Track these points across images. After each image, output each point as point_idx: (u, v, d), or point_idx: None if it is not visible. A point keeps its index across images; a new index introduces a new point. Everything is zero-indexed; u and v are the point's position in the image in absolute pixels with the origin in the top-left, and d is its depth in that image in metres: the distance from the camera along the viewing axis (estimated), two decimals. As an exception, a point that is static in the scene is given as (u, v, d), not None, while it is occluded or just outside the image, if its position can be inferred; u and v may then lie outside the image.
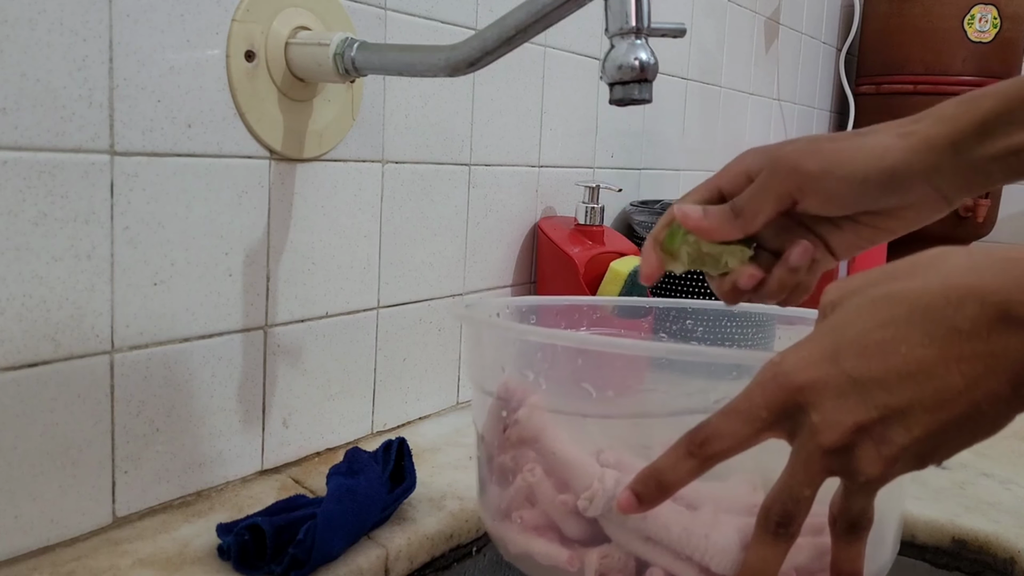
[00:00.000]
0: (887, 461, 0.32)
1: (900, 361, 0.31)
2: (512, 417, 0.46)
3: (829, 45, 1.73)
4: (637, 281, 0.85)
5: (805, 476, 0.34)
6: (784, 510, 0.34)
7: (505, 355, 0.49)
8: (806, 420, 0.33)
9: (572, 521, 0.44)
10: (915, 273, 0.33)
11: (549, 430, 0.45)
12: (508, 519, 0.47)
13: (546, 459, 0.45)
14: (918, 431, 0.31)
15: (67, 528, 0.52)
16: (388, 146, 0.71)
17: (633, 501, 0.37)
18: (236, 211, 0.59)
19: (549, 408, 0.45)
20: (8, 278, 0.47)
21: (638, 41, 0.47)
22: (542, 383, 0.46)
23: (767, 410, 0.34)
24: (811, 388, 0.33)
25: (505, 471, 0.47)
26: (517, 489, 0.46)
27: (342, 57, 0.58)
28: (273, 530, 0.50)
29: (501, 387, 0.47)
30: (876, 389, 0.32)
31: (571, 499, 0.43)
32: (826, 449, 0.33)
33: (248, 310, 0.61)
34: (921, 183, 0.42)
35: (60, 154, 0.49)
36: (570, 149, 0.94)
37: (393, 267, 0.73)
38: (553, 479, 0.45)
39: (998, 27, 1.53)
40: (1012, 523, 0.64)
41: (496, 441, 0.47)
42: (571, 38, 0.91)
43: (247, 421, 0.62)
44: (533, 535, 0.45)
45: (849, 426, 0.32)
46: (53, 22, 0.47)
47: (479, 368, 0.50)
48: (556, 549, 0.44)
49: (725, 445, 0.35)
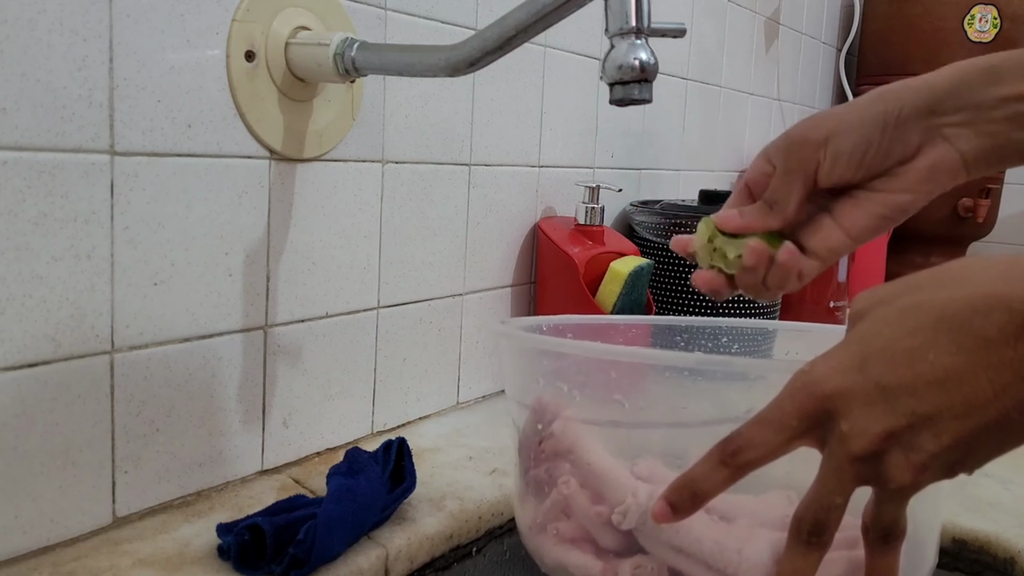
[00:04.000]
0: (917, 468, 0.32)
1: (928, 368, 0.31)
2: (547, 430, 0.46)
3: (829, 45, 1.73)
4: (637, 281, 0.85)
5: (836, 484, 0.34)
6: (816, 519, 0.34)
7: (540, 368, 0.49)
8: (836, 428, 0.33)
9: (607, 532, 0.44)
10: (943, 283, 0.33)
11: (583, 442, 0.46)
12: (544, 532, 0.47)
13: (580, 471, 0.46)
14: (947, 439, 0.31)
15: (67, 528, 0.52)
16: (388, 146, 0.71)
17: (667, 511, 0.37)
18: (236, 211, 0.59)
19: (583, 420, 0.46)
20: (8, 278, 0.47)
21: (638, 41, 0.47)
22: (576, 395, 0.46)
23: (797, 419, 0.34)
24: (840, 396, 0.33)
25: (540, 483, 0.48)
26: (553, 501, 0.47)
27: (342, 57, 0.58)
28: (273, 530, 0.50)
29: (536, 401, 0.48)
30: (904, 396, 0.32)
31: (605, 511, 0.44)
32: (856, 457, 0.33)
33: (248, 310, 0.61)
34: (922, 128, 0.42)
35: (60, 154, 0.49)
36: (570, 149, 0.94)
37: (393, 267, 0.73)
38: (588, 491, 0.45)
39: (998, 27, 1.53)
40: (1012, 523, 0.64)
41: (531, 454, 0.48)
42: (571, 38, 0.91)
43: (247, 421, 0.62)
44: (568, 547, 0.46)
45: (878, 433, 0.32)
46: (53, 22, 0.47)
47: (515, 383, 0.51)
48: (590, 560, 0.44)
49: (757, 454, 0.35)
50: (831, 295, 1.23)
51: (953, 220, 1.57)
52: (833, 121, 0.43)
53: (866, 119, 0.42)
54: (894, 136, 0.42)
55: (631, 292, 0.84)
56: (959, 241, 1.63)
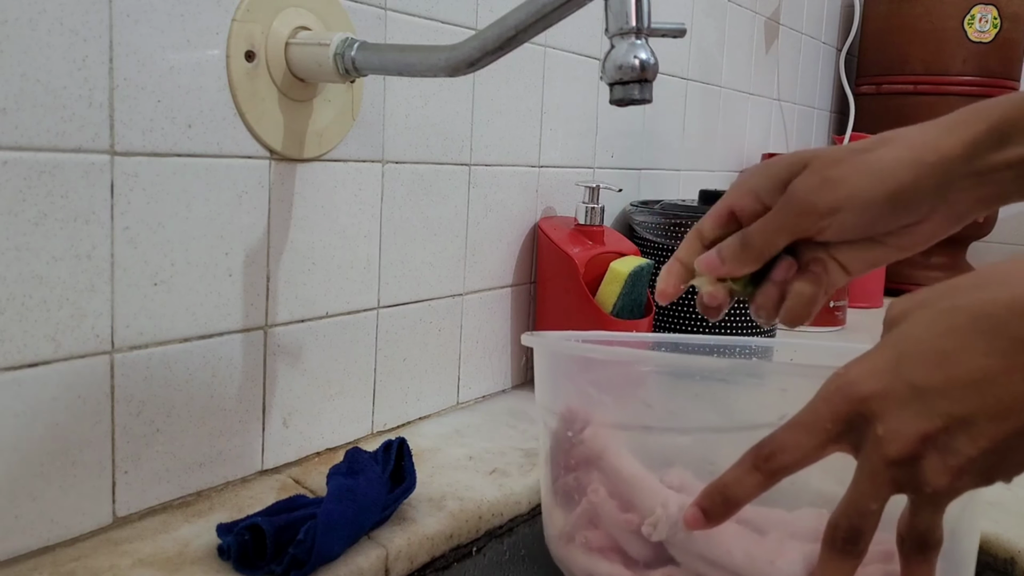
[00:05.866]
0: (953, 472, 0.31)
1: (962, 370, 0.31)
2: (577, 437, 0.46)
3: (829, 45, 1.73)
4: (637, 281, 0.85)
5: (871, 489, 0.33)
6: (851, 525, 0.34)
7: (571, 375, 0.49)
8: (871, 432, 0.33)
9: (636, 541, 0.44)
10: (981, 286, 0.33)
11: (613, 448, 0.45)
12: (572, 541, 0.47)
13: (610, 478, 0.45)
14: (983, 441, 0.31)
15: (67, 528, 0.52)
16: (388, 146, 0.71)
17: (700, 517, 0.37)
18: (236, 211, 0.59)
19: (614, 424, 0.46)
20: (8, 278, 0.47)
21: (638, 41, 0.47)
22: (607, 401, 0.46)
23: (832, 422, 0.34)
24: (875, 399, 0.33)
25: (569, 492, 0.48)
26: (582, 510, 0.46)
27: (342, 57, 0.58)
28: (273, 530, 0.50)
29: (565, 409, 0.48)
30: (938, 398, 0.31)
31: (635, 518, 0.44)
32: (891, 460, 0.32)
33: (248, 310, 0.61)
34: (933, 200, 0.41)
35: (60, 154, 0.49)
36: (570, 149, 0.94)
37: (393, 267, 0.73)
38: (617, 499, 0.45)
39: (998, 27, 1.53)
40: (1012, 523, 0.64)
41: (561, 462, 0.48)
42: (571, 38, 0.91)
43: (247, 421, 0.62)
44: (597, 556, 0.45)
45: (913, 436, 0.32)
46: (53, 22, 0.47)
47: (546, 390, 0.51)
48: (619, 571, 0.44)
49: (791, 459, 0.35)
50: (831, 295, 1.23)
51: (953, 220, 1.57)
52: (843, 192, 0.41)
53: (878, 198, 0.41)
54: (904, 211, 0.41)
55: (631, 292, 0.84)
56: (959, 241, 1.63)
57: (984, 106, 0.41)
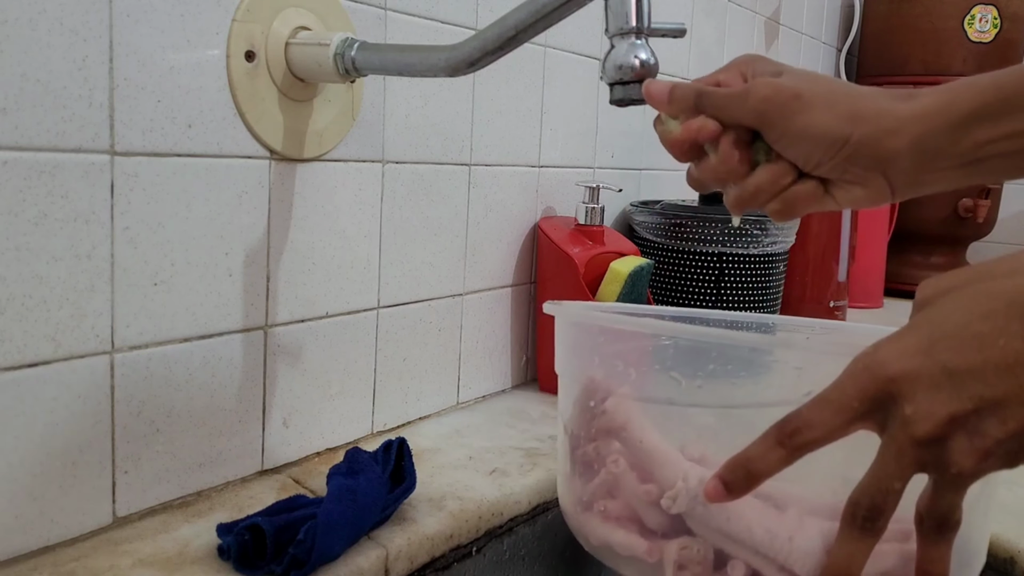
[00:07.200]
0: (980, 454, 0.32)
1: (998, 354, 0.31)
2: (600, 407, 0.46)
3: (829, 45, 1.73)
4: (637, 281, 0.85)
5: (896, 468, 0.33)
6: (872, 503, 0.34)
7: (595, 345, 0.49)
8: (898, 412, 0.33)
9: (654, 512, 0.44)
10: (1017, 269, 0.33)
11: (636, 419, 0.45)
12: (590, 510, 0.47)
13: (631, 448, 0.45)
14: (1013, 424, 0.31)
15: (67, 528, 0.52)
16: (388, 146, 0.71)
17: (721, 489, 0.37)
18: (236, 211, 0.59)
19: (637, 397, 0.46)
20: (8, 278, 0.47)
21: (638, 41, 0.47)
22: (632, 373, 0.46)
23: (859, 400, 0.34)
24: (904, 379, 0.33)
25: (589, 462, 0.47)
26: (601, 480, 0.46)
27: (342, 57, 0.58)
28: (273, 530, 0.50)
29: (588, 379, 0.47)
30: (971, 381, 0.31)
31: (655, 489, 0.44)
32: (918, 440, 0.32)
33: (248, 310, 0.61)
34: (907, 155, 0.42)
35: (60, 154, 0.49)
36: (570, 149, 0.94)
37: (393, 267, 0.73)
38: (637, 471, 0.45)
39: (998, 27, 1.53)
40: (1012, 523, 0.64)
41: (582, 432, 0.48)
42: (571, 38, 0.91)
43: (247, 421, 0.62)
44: (614, 526, 0.45)
45: (943, 417, 0.32)
46: (53, 22, 0.47)
47: (568, 359, 0.51)
48: (635, 540, 0.44)
49: (815, 435, 0.35)
50: (831, 295, 1.23)
51: (953, 220, 1.57)
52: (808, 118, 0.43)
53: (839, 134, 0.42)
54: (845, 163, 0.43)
55: (631, 292, 0.84)
56: (959, 241, 1.63)
57: (975, 80, 0.43)
